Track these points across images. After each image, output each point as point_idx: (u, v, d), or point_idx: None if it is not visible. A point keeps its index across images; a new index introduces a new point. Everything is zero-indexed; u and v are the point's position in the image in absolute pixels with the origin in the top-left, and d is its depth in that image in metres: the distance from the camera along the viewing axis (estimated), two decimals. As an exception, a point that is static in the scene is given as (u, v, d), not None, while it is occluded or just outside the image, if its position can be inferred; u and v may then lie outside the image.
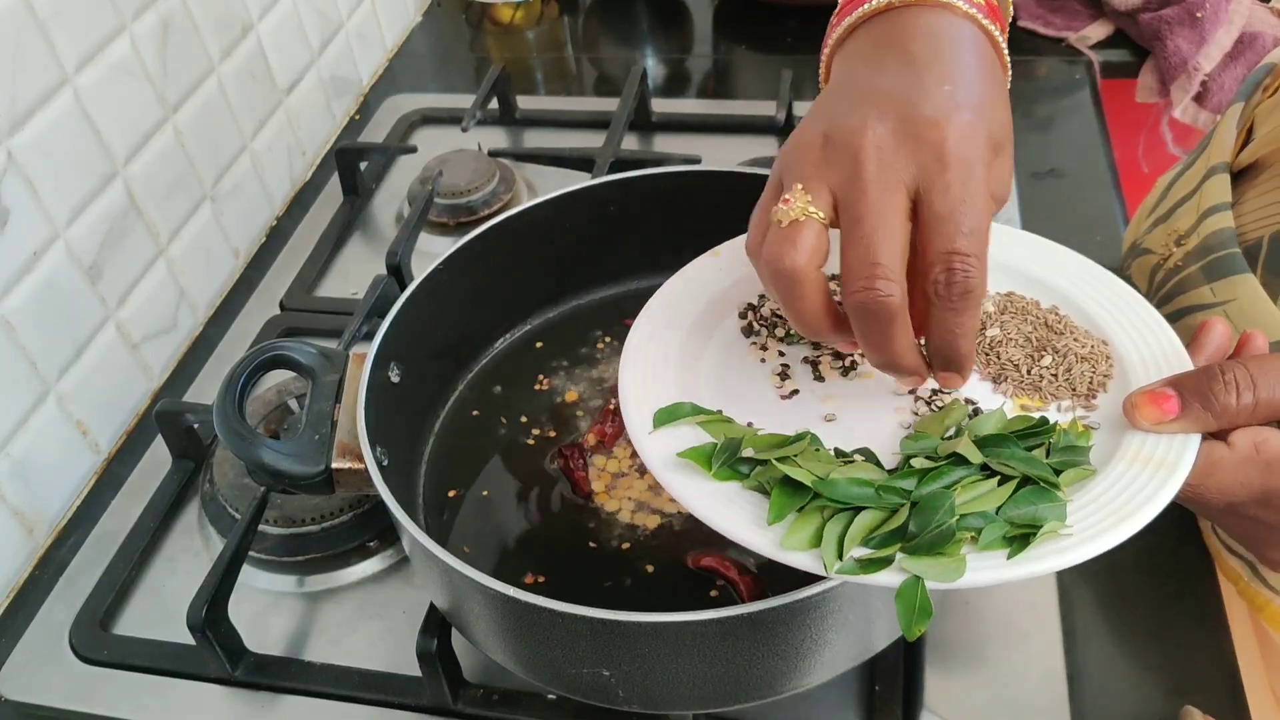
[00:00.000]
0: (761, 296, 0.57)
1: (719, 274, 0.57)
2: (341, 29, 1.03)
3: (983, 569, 0.40)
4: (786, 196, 0.43)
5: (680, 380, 0.51)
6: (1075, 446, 0.44)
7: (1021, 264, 0.55)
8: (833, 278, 0.52)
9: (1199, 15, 0.97)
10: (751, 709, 0.57)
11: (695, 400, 0.49)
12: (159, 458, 0.73)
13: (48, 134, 0.67)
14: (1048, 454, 0.44)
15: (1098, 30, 1.05)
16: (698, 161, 0.87)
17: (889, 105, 0.42)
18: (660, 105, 0.99)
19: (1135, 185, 0.91)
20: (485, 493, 0.64)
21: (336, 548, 0.66)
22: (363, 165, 0.95)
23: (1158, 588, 0.61)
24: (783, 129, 0.95)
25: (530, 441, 0.66)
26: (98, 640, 0.63)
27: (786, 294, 0.43)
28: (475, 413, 0.68)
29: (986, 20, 0.46)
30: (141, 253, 0.77)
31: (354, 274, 0.87)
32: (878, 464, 0.45)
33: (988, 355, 0.50)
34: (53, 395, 0.70)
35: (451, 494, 0.64)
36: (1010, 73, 0.49)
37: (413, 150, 0.95)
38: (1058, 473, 0.43)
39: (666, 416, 0.48)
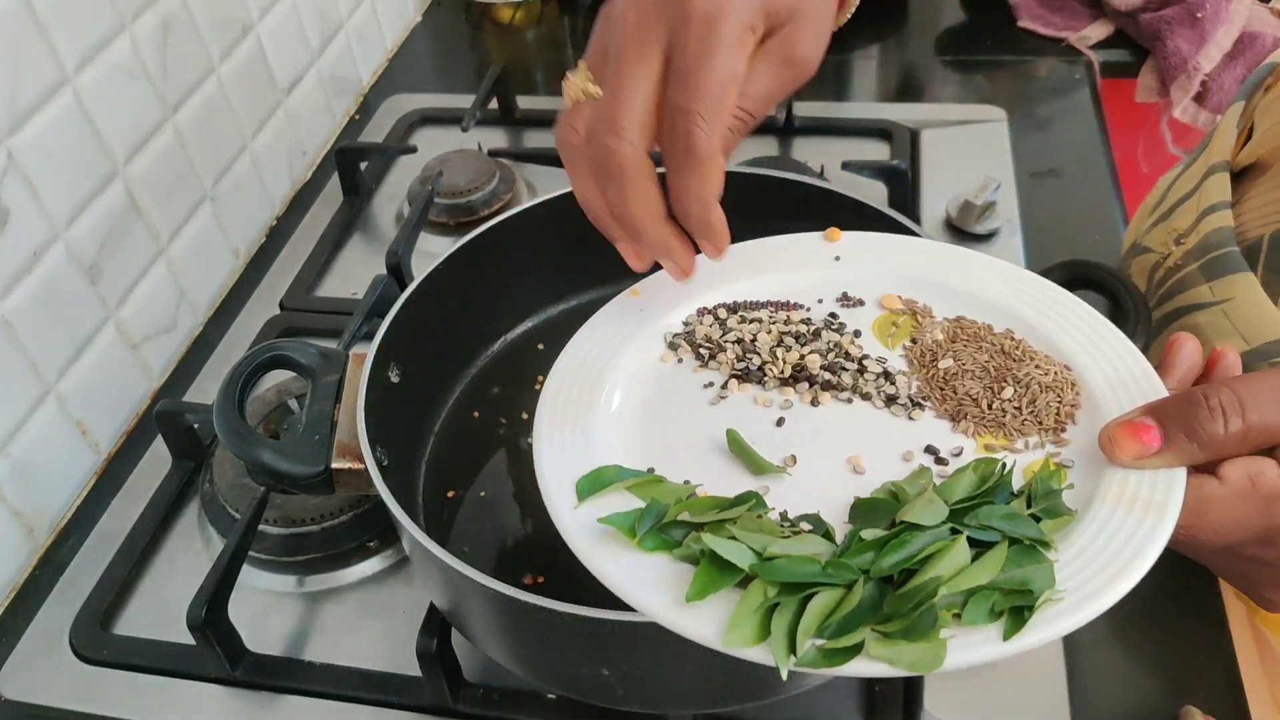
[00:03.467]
0: (687, 321, 0.51)
1: (639, 313, 0.51)
2: (341, 29, 1.03)
3: (966, 648, 0.35)
4: (568, 75, 0.44)
5: (603, 438, 0.45)
6: (1053, 491, 0.40)
7: (967, 284, 0.51)
8: None
9: (1199, 15, 0.97)
10: (751, 709, 0.57)
11: (623, 460, 0.44)
12: (159, 458, 0.73)
13: (48, 134, 0.67)
14: (1028, 504, 0.40)
15: (1098, 30, 1.05)
16: (698, 161, 0.87)
17: None
18: (660, 105, 0.99)
19: (1135, 185, 0.91)
20: (485, 493, 0.64)
21: (336, 548, 0.66)
22: (363, 165, 0.95)
23: (1158, 588, 0.61)
24: (782, 128, 0.95)
25: (530, 442, 0.66)
26: (98, 640, 0.63)
27: (567, 168, 0.45)
28: (475, 413, 0.68)
29: None
30: (141, 253, 0.77)
31: (354, 274, 0.87)
32: (827, 534, 0.40)
33: (943, 389, 0.46)
34: (53, 395, 0.70)
35: (451, 494, 0.64)
36: None
37: (413, 150, 0.95)
38: (1038, 521, 0.39)
39: (590, 486, 0.42)
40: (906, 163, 0.86)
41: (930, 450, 0.44)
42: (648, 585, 0.38)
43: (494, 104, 0.99)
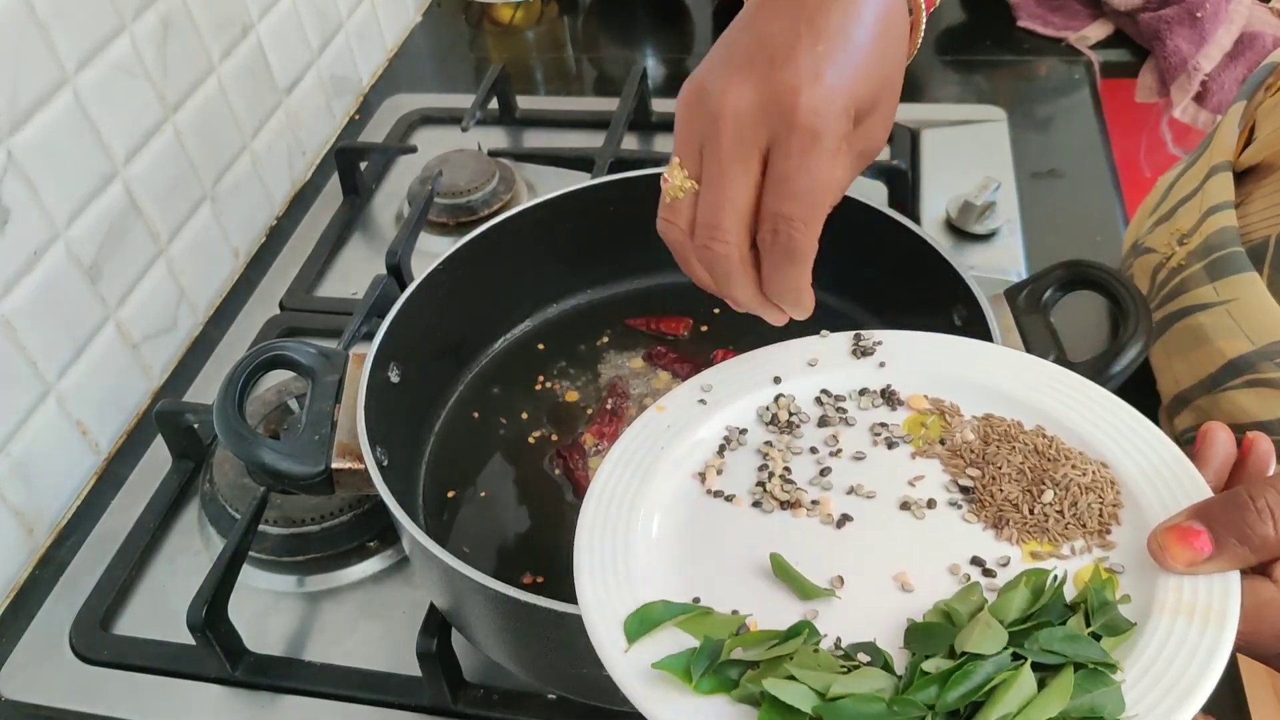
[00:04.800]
0: (721, 445, 0.49)
1: (666, 431, 0.50)
2: (341, 29, 1.03)
3: None
4: (666, 174, 0.47)
5: (645, 568, 0.44)
6: (1109, 603, 0.39)
7: (988, 379, 0.50)
8: None
9: (1199, 15, 0.97)
10: (752, 709, 0.57)
11: (666, 592, 0.42)
12: (159, 458, 0.73)
13: (48, 134, 0.67)
14: (1086, 619, 0.38)
15: (1098, 30, 1.05)
16: (698, 161, 0.87)
17: (758, 64, 0.44)
18: (660, 105, 0.99)
19: (1135, 185, 0.91)
20: (485, 493, 0.64)
21: (336, 548, 0.66)
22: (363, 165, 0.95)
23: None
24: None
25: (530, 442, 0.66)
26: (98, 640, 0.63)
27: (680, 262, 0.49)
28: (475, 413, 0.68)
29: None
30: (141, 253, 0.77)
31: (354, 274, 0.87)
32: (886, 664, 0.38)
33: (981, 499, 0.45)
34: (53, 395, 0.70)
35: (451, 494, 0.64)
36: (924, 29, 0.49)
37: (413, 150, 0.95)
38: (1098, 638, 0.38)
39: (638, 627, 0.41)
40: (906, 162, 0.86)
41: (977, 562, 0.42)
42: None
43: (494, 104, 0.99)
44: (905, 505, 0.45)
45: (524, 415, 0.68)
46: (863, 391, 0.51)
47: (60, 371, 0.70)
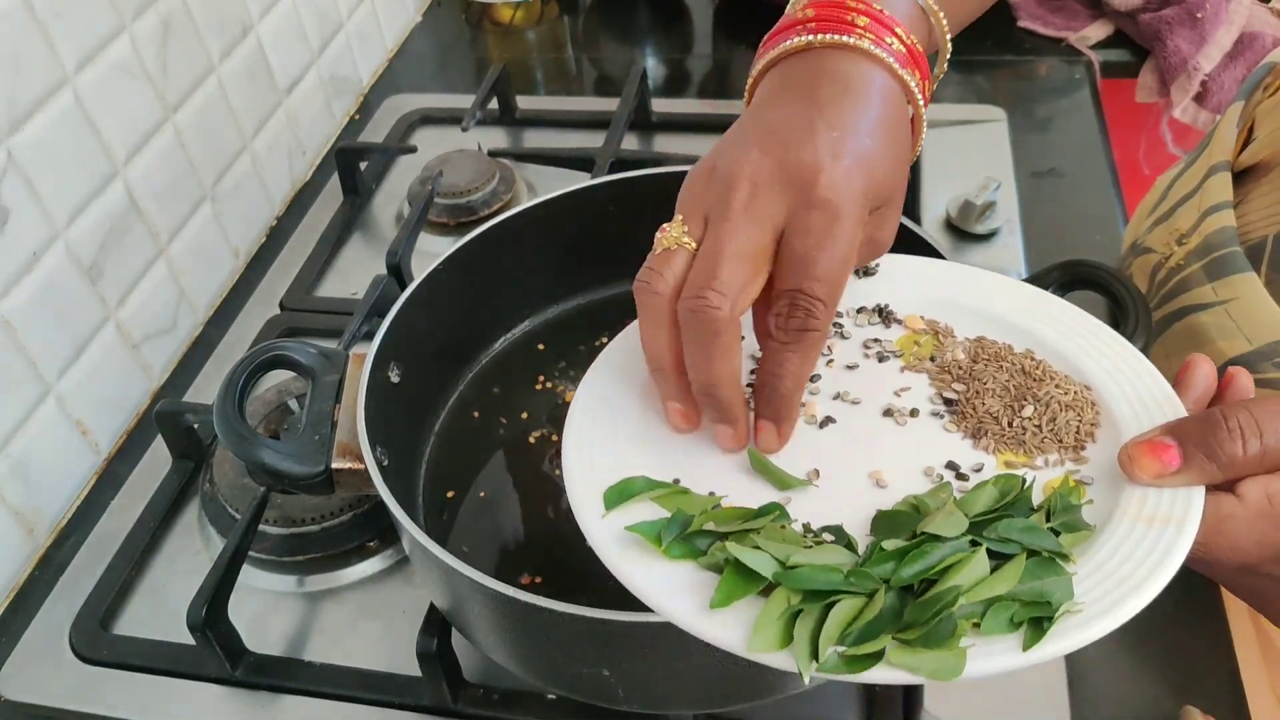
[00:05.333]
0: None
1: None
2: (341, 29, 1.03)
3: (985, 657, 0.36)
4: (664, 227, 0.45)
5: (630, 451, 0.46)
6: (1072, 506, 0.41)
7: (989, 305, 0.51)
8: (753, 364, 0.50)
9: (1199, 15, 0.97)
10: (751, 709, 0.57)
11: (649, 472, 0.44)
12: (159, 458, 0.73)
13: (48, 134, 0.67)
14: (1047, 518, 0.40)
15: (1098, 30, 1.05)
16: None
17: (775, 144, 0.44)
18: (660, 105, 0.99)
19: (1135, 185, 0.91)
20: (484, 493, 0.64)
21: (336, 548, 0.66)
22: (363, 165, 0.95)
23: (1158, 588, 0.61)
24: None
25: (530, 442, 0.66)
26: (98, 640, 0.63)
27: (642, 316, 0.45)
28: (475, 413, 0.68)
29: (903, 70, 0.47)
30: (141, 253, 0.77)
31: (354, 274, 0.87)
32: (849, 545, 0.40)
33: (963, 411, 0.46)
34: (53, 395, 0.70)
35: (451, 494, 0.64)
36: (924, 129, 0.50)
37: (413, 150, 0.95)
38: (1056, 534, 0.39)
39: (617, 496, 0.43)
40: (907, 162, 0.86)
41: (951, 466, 0.44)
42: (673, 592, 0.39)
43: (494, 104, 0.99)
44: (889, 412, 0.47)
45: (524, 415, 0.68)
46: (860, 309, 0.52)
47: (60, 371, 0.70)
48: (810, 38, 0.47)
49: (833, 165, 0.43)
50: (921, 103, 0.49)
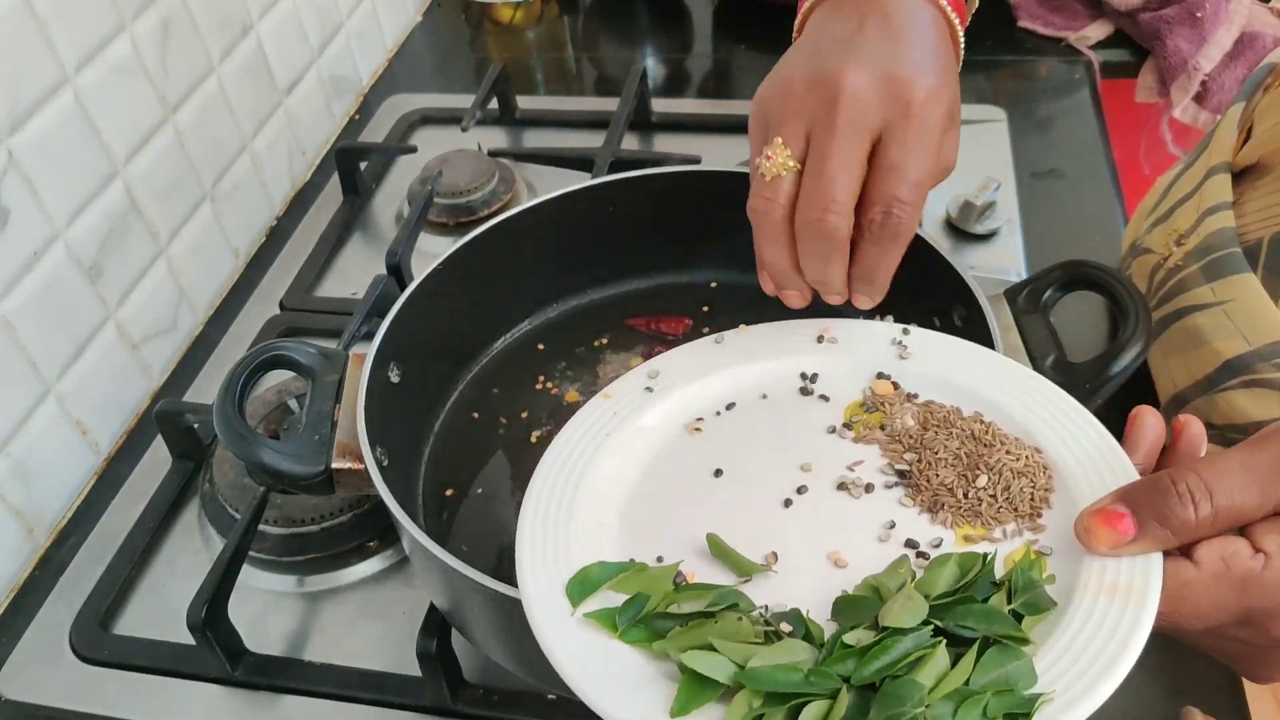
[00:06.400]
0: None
1: (613, 417, 0.52)
2: (341, 29, 1.03)
3: None
4: (769, 153, 0.48)
5: (585, 540, 0.46)
6: (1034, 583, 0.40)
7: (933, 366, 0.51)
8: None
9: (1199, 15, 0.97)
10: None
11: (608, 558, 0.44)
12: (159, 458, 0.73)
13: (48, 134, 0.67)
14: (1009, 598, 0.40)
15: (1098, 30, 1.05)
16: (698, 161, 0.87)
17: (868, 58, 0.47)
18: (660, 105, 0.99)
19: (1135, 185, 0.91)
20: (484, 492, 0.64)
21: (336, 548, 0.66)
22: (363, 165, 0.95)
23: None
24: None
25: (530, 442, 0.66)
26: (98, 640, 0.63)
27: (759, 237, 0.50)
28: (475, 413, 0.68)
29: (949, 8, 0.52)
30: (141, 253, 0.77)
31: (354, 274, 0.87)
32: (808, 634, 0.40)
33: (918, 483, 0.46)
34: (53, 395, 0.70)
35: (450, 494, 0.64)
36: (961, 60, 0.54)
37: (413, 150, 0.95)
38: (1019, 617, 0.39)
39: (579, 589, 0.42)
40: (906, 163, 0.86)
41: (911, 544, 0.44)
42: (630, 694, 0.38)
43: (494, 104, 0.99)
44: (843, 486, 0.47)
45: (524, 415, 0.68)
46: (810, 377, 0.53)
47: (60, 371, 0.70)
48: None
49: (925, 81, 0.47)
50: (960, 32, 0.53)
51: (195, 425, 0.72)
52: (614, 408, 0.52)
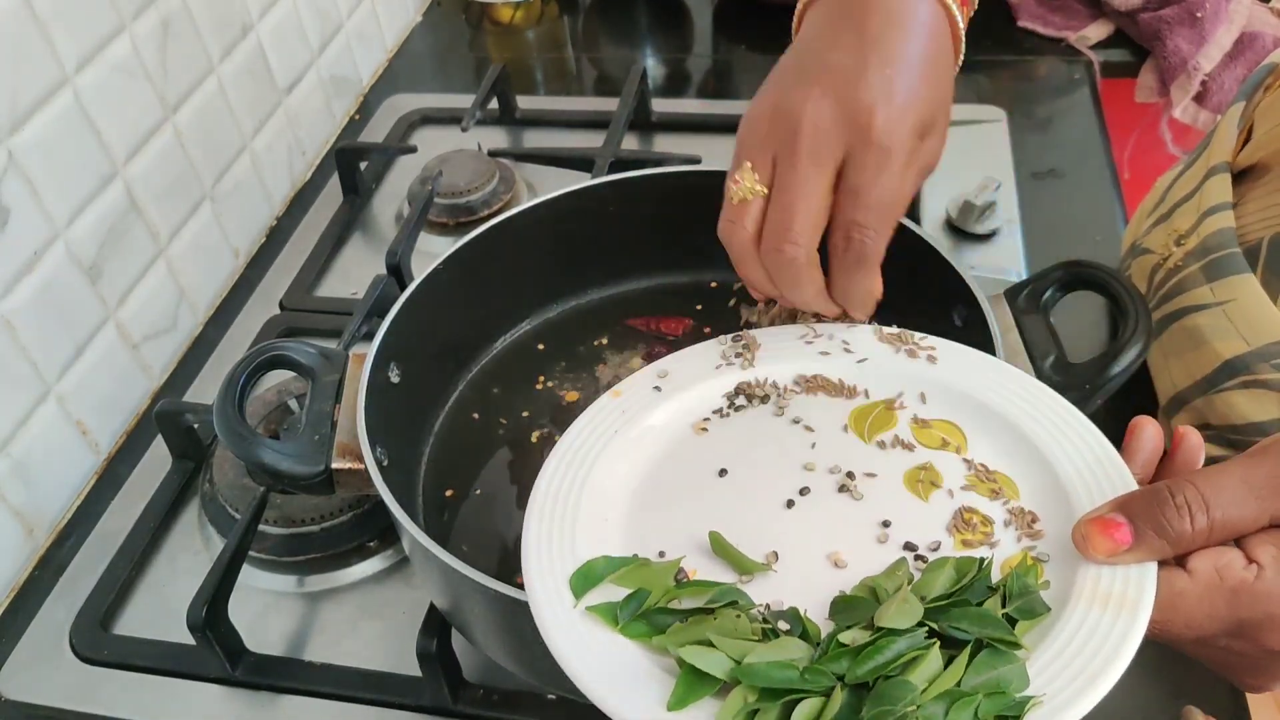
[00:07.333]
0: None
1: (621, 415, 0.52)
2: (341, 29, 1.03)
3: None
4: (737, 177, 0.49)
5: (590, 536, 0.46)
6: (1029, 588, 0.41)
7: (936, 373, 0.52)
8: None
9: (1199, 15, 0.97)
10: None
11: (610, 553, 0.44)
12: (159, 458, 0.73)
13: (48, 134, 0.67)
14: (1004, 602, 0.40)
15: (1098, 30, 1.05)
16: (698, 161, 0.87)
17: (832, 83, 0.48)
18: (660, 105, 0.99)
19: (1135, 185, 0.91)
20: (484, 492, 0.64)
21: (336, 548, 0.66)
22: (363, 165, 0.95)
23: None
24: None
25: (531, 441, 0.66)
26: (98, 640, 0.63)
27: (732, 256, 0.51)
28: (475, 413, 0.68)
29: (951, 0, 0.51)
30: (141, 253, 0.77)
31: (354, 274, 0.87)
32: (805, 633, 0.40)
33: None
34: (53, 395, 0.70)
35: (450, 494, 0.64)
36: (962, 56, 0.54)
37: (413, 150, 0.95)
38: (1013, 621, 0.39)
39: (583, 582, 0.43)
40: (906, 163, 0.86)
41: (909, 547, 0.44)
42: (629, 687, 0.39)
43: (494, 104, 0.99)
44: (844, 488, 0.47)
45: (524, 415, 0.68)
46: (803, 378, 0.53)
47: (60, 371, 0.70)
48: None
49: (887, 107, 0.47)
50: (962, 25, 0.52)
51: (195, 425, 0.72)
52: (622, 406, 0.52)
